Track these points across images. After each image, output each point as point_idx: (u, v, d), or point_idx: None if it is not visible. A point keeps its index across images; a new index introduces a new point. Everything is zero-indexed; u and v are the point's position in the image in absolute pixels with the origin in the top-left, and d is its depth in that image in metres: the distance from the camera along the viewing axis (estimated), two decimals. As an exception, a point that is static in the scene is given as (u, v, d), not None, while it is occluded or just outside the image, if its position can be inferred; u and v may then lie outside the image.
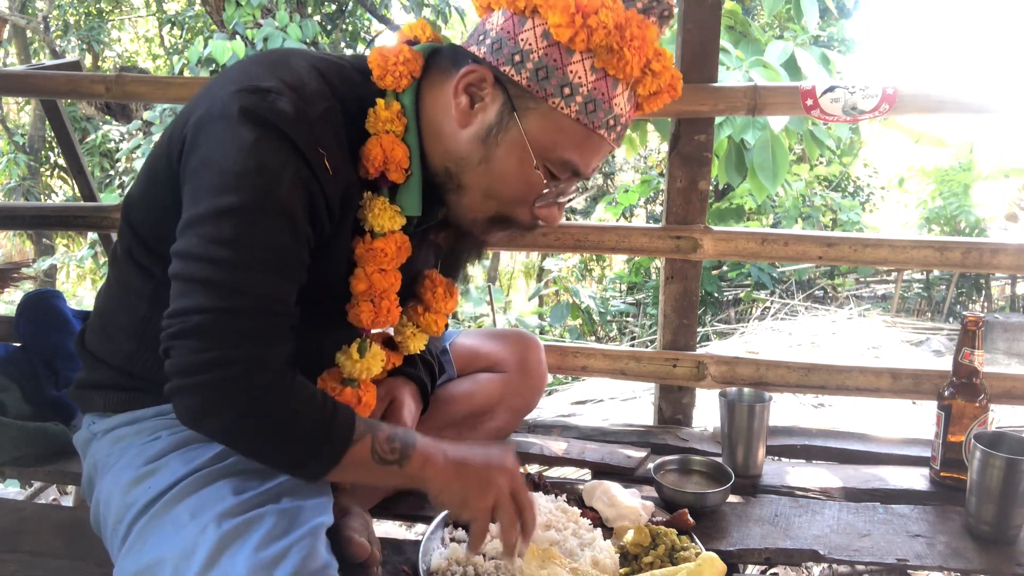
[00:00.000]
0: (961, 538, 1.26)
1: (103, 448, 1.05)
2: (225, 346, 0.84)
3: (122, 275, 1.07)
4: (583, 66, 0.93)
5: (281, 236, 0.88)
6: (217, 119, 0.88)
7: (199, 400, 0.85)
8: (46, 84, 1.98)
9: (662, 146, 7.15)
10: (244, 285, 0.85)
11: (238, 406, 0.85)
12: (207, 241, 0.85)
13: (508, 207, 1.03)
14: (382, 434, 0.94)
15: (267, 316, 0.87)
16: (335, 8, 7.20)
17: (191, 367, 0.84)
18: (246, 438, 0.89)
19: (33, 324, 1.77)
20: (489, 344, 1.52)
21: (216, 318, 0.84)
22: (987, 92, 1.67)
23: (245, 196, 0.86)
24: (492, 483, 0.96)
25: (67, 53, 8.76)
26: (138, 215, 1.04)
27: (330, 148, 0.92)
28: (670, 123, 1.82)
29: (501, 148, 0.97)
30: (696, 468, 1.44)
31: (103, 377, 1.08)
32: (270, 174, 0.87)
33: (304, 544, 0.86)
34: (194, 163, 0.89)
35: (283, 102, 0.88)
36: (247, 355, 0.85)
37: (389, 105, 0.99)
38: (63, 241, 9.78)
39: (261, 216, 0.86)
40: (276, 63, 0.94)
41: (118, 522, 0.95)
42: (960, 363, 1.41)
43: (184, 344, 0.84)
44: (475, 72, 0.95)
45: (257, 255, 0.86)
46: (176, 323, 0.85)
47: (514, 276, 11.99)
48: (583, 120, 0.95)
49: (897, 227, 9.71)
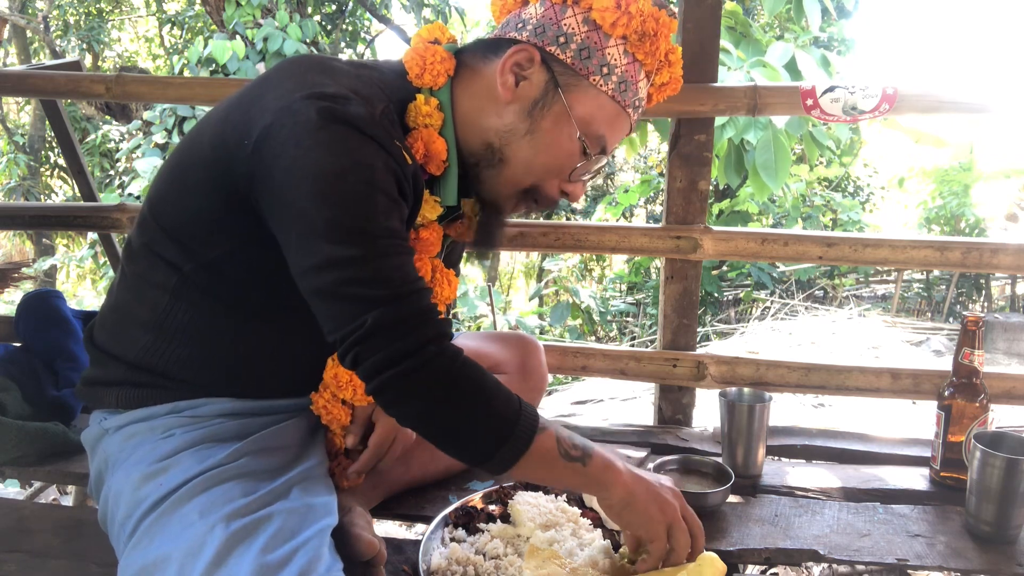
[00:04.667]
0: (961, 538, 1.25)
1: (115, 444, 1.04)
2: (409, 332, 0.87)
3: (139, 268, 1.06)
4: (618, 50, 1.03)
5: (393, 219, 0.92)
6: (294, 128, 0.88)
7: (403, 389, 0.88)
8: (46, 84, 1.98)
9: (662, 146, 7.15)
10: (388, 272, 0.89)
11: (437, 383, 0.88)
12: (336, 245, 0.87)
13: (543, 179, 1.08)
14: (563, 431, 0.95)
15: (421, 292, 0.91)
16: (335, 8, 7.21)
17: (387, 361, 0.87)
18: (444, 417, 0.90)
19: (33, 324, 1.77)
20: (489, 346, 1.52)
21: (386, 311, 0.87)
22: (987, 92, 1.67)
23: (350, 191, 0.88)
24: (669, 503, 0.98)
25: (67, 53, 8.78)
26: (170, 214, 1.03)
27: (401, 141, 0.97)
28: (670, 123, 1.82)
29: (546, 120, 1.04)
30: (696, 468, 1.44)
31: (115, 373, 1.07)
32: (366, 168, 0.90)
33: (310, 547, 0.87)
34: (281, 177, 0.89)
35: (353, 105, 0.91)
36: (432, 333, 0.89)
37: (428, 101, 1.04)
38: (63, 241, 9.78)
39: (372, 205, 0.89)
40: (325, 70, 0.96)
41: (127, 518, 0.95)
42: (960, 363, 1.41)
43: (370, 344, 0.87)
44: (524, 51, 1.02)
45: (384, 242, 0.89)
46: (354, 331, 0.87)
47: (514, 276, 11.99)
48: (617, 98, 1.05)
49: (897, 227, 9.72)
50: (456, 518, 1.22)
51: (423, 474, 1.39)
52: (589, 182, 1.16)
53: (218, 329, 1.04)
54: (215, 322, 1.04)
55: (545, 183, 1.09)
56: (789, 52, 3.05)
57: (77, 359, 1.71)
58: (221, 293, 1.03)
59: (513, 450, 0.90)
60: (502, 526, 1.19)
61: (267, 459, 1.00)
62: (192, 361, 1.04)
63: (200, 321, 1.03)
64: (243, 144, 0.92)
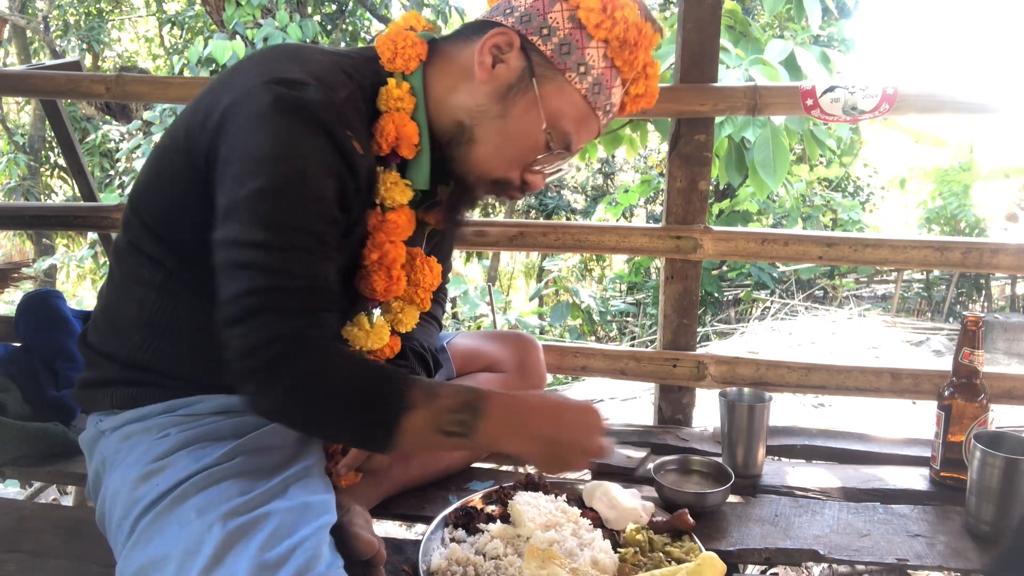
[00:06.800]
0: (961, 538, 1.25)
1: (111, 445, 1.04)
2: (276, 324, 0.87)
3: (127, 267, 1.07)
4: (597, 52, 1.04)
5: (315, 218, 0.91)
6: (248, 110, 0.91)
7: (258, 380, 0.87)
8: (46, 84, 1.98)
9: (662, 146, 7.15)
10: (285, 265, 0.88)
11: (292, 380, 0.87)
12: (247, 226, 0.88)
13: (507, 167, 1.08)
14: (444, 401, 0.93)
15: (310, 293, 0.90)
16: (335, 8, 7.21)
17: (247, 349, 0.86)
18: (304, 413, 0.90)
19: (33, 324, 1.77)
20: (488, 344, 1.52)
21: (263, 299, 0.87)
22: (987, 92, 1.67)
23: (279, 180, 0.89)
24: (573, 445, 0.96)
25: (67, 53, 8.77)
26: (148, 207, 1.04)
27: (357, 130, 0.97)
28: (670, 123, 1.82)
29: (517, 107, 1.04)
30: (696, 468, 1.44)
31: (109, 374, 1.07)
32: (302, 159, 0.90)
33: (309, 545, 0.86)
34: (225, 153, 0.92)
35: (311, 91, 0.91)
36: (299, 332, 0.88)
37: (399, 84, 1.05)
38: (63, 241, 9.78)
39: (295, 199, 0.89)
40: (294, 56, 0.98)
41: (124, 518, 0.94)
42: (960, 363, 1.41)
43: (238, 328, 0.87)
44: (505, 35, 1.03)
45: (295, 236, 0.89)
46: (228, 309, 0.88)
47: (514, 276, 12.00)
48: (589, 99, 1.05)
49: (897, 227, 9.72)
50: (456, 518, 1.22)
51: (423, 474, 1.39)
52: (555, 176, 1.16)
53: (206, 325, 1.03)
54: (203, 318, 1.02)
55: (508, 172, 1.09)
56: (788, 49, 3.05)
57: (77, 359, 1.71)
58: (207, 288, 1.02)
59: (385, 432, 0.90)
60: (502, 526, 1.19)
61: (263, 458, 1.00)
62: (183, 358, 1.05)
63: (188, 317, 1.04)
64: (206, 126, 0.94)
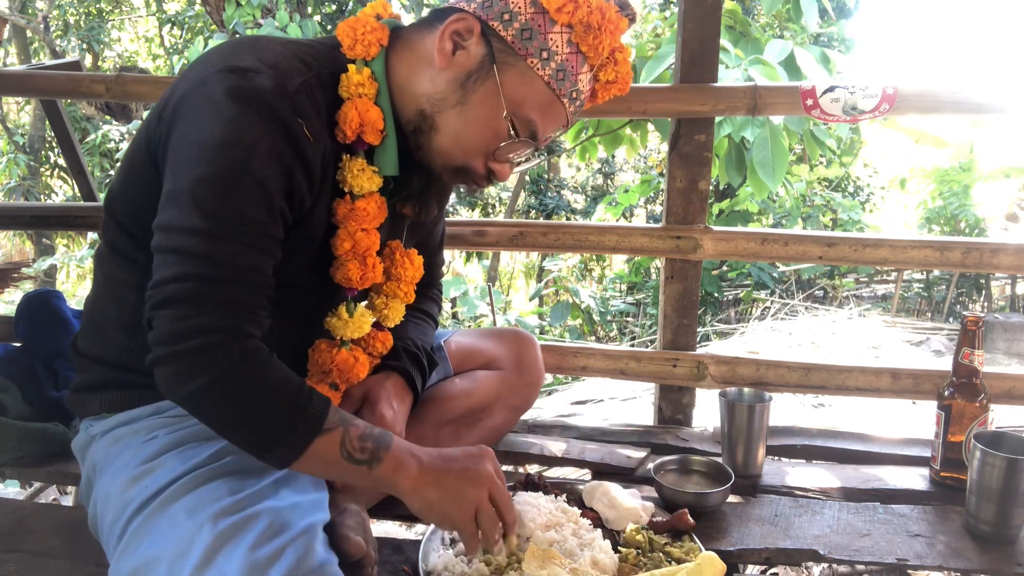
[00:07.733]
0: (961, 538, 1.25)
1: (101, 449, 1.05)
2: (202, 314, 0.86)
3: (108, 269, 1.08)
4: (561, 38, 1.02)
5: (256, 209, 0.90)
6: (198, 98, 0.91)
7: (175, 368, 0.86)
8: (46, 84, 1.98)
9: (662, 146, 7.15)
10: (220, 254, 0.87)
11: (211, 373, 0.85)
12: (184, 212, 0.87)
13: (470, 156, 1.07)
14: (355, 430, 0.93)
15: (243, 286, 0.89)
16: (335, 8, 7.20)
17: (169, 335, 0.86)
18: (217, 408, 0.88)
19: (33, 324, 1.77)
20: (484, 342, 1.52)
21: (193, 287, 0.86)
22: (987, 92, 1.67)
23: (221, 168, 0.88)
24: (468, 495, 0.95)
25: (67, 53, 8.78)
26: (120, 206, 1.05)
27: (309, 117, 0.96)
28: (670, 123, 1.81)
29: (477, 95, 1.03)
30: (696, 468, 1.44)
31: (98, 378, 1.08)
32: (246, 148, 0.89)
33: (300, 543, 0.86)
34: (175, 140, 0.92)
35: (262, 78, 0.91)
36: (223, 323, 0.87)
37: (360, 70, 1.04)
38: (63, 241, 9.78)
39: (237, 188, 0.89)
40: (251, 46, 0.97)
41: (115, 521, 0.95)
42: (960, 363, 1.41)
43: (163, 313, 0.86)
44: (464, 20, 1.01)
45: (233, 226, 0.88)
46: (156, 294, 0.87)
47: (514, 276, 12.00)
48: (553, 85, 1.03)
49: (897, 227, 9.72)
50: (456, 518, 1.22)
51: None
52: (526, 167, 1.15)
53: None
54: None
55: (472, 160, 1.07)
56: (788, 49, 3.04)
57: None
58: None
59: (286, 451, 0.89)
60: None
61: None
62: None
63: None
64: (162, 117, 0.95)
